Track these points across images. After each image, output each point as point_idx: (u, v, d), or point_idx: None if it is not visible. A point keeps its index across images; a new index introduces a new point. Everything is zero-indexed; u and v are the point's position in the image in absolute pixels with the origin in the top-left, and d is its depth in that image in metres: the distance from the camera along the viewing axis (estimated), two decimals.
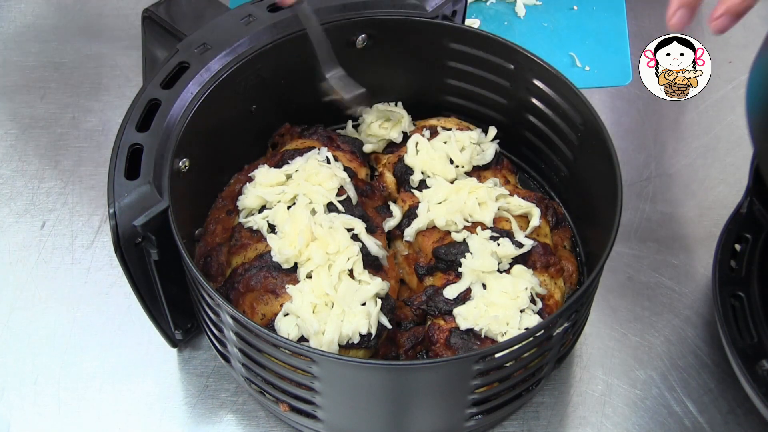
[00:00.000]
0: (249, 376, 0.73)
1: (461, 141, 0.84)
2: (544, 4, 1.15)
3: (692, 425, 0.81)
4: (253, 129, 0.87)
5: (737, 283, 0.79)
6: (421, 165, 0.83)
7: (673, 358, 0.85)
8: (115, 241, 0.69)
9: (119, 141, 0.73)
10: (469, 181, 0.82)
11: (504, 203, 0.81)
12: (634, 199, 0.96)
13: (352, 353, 0.72)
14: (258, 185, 0.80)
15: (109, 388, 0.82)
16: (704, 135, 1.03)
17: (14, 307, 0.87)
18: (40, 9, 1.14)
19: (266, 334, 0.65)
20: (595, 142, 0.78)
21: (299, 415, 0.73)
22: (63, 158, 0.99)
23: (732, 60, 1.08)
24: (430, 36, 0.86)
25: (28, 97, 1.05)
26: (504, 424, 0.81)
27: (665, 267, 0.91)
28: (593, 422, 0.81)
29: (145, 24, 0.84)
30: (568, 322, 0.70)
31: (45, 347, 0.84)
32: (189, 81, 0.77)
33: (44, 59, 1.09)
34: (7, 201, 0.95)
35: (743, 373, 0.74)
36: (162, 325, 0.79)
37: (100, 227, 0.93)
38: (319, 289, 0.72)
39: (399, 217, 0.82)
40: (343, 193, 0.80)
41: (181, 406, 0.81)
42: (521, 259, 0.77)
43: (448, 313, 0.75)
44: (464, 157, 0.83)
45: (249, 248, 0.78)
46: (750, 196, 0.82)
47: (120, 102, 1.03)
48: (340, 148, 0.86)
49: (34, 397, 0.81)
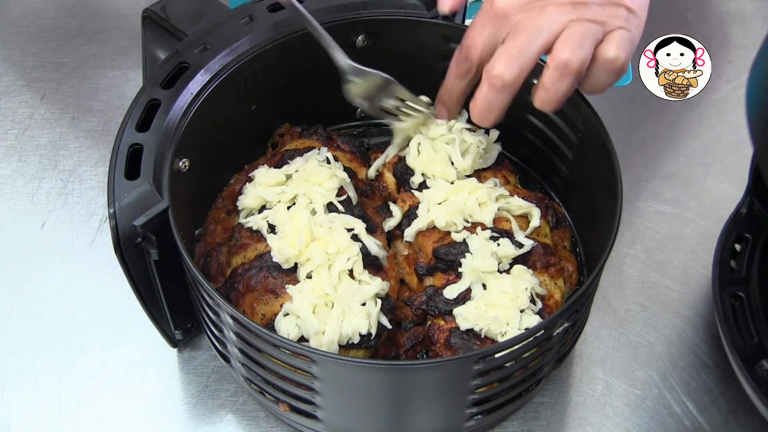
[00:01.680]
0: (249, 376, 0.73)
1: (467, 142, 0.83)
2: None
3: (692, 425, 0.81)
4: (253, 129, 0.87)
5: (737, 283, 0.79)
6: (422, 167, 0.83)
7: (673, 358, 0.85)
8: (115, 241, 0.69)
9: (119, 141, 0.73)
10: (469, 181, 0.82)
11: (504, 203, 0.81)
12: (634, 199, 0.96)
13: (352, 353, 0.72)
14: (258, 185, 0.80)
15: (109, 388, 0.82)
16: (704, 135, 1.03)
17: (14, 307, 0.87)
18: (40, 9, 1.14)
19: (266, 334, 0.65)
20: (595, 142, 0.78)
21: (299, 415, 0.73)
22: (63, 158, 0.99)
23: (732, 60, 1.08)
24: (430, 36, 0.86)
25: (28, 97, 1.05)
26: (504, 424, 0.81)
27: (665, 267, 0.91)
28: (593, 422, 0.81)
29: (145, 24, 0.84)
30: (568, 322, 0.70)
31: (45, 347, 0.84)
32: (189, 81, 0.77)
33: (44, 59, 1.09)
34: (7, 201, 0.95)
35: (743, 373, 0.74)
36: (162, 325, 0.79)
37: (100, 227, 0.93)
38: (319, 289, 0.72)
39: (399, 217, 0.82)
40: (343, 193, 0.80)
41: (181, 406, 0.81)
42: (521, 259, 0.77)
43: (448, 313, 0.75)
44: (466, 163, 0.82)
45: (249, 248, 0.78)
46: (750, 196, 0.82)
47: (120, 102, 1.03)
48: (340, 148, 0.87)
49: (34, 397, 0.81)
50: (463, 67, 0.76)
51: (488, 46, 0.74)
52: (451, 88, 0.80)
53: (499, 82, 0.72)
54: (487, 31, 0.73)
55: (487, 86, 0.73)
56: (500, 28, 0.72)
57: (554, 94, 0.71)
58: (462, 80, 0.78)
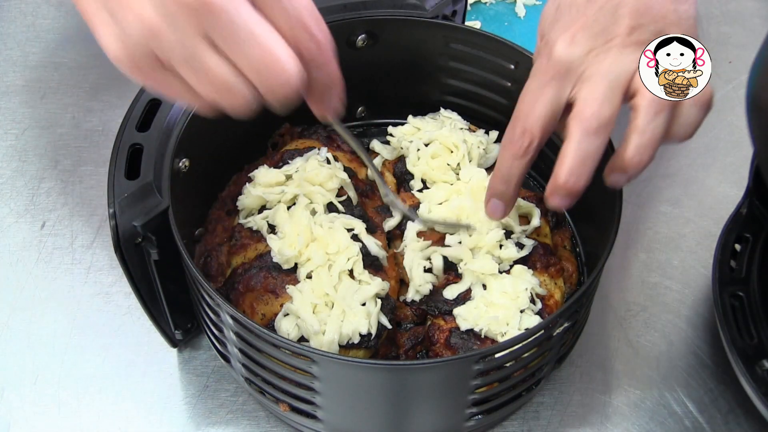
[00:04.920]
0: (249, 376, 0.73)
1: (469, 141, 0.83)
2: (543, 4, 1.15)
3: (692, 425, 0.81)
4: (253, 129, 0.87)
5: (737, 283, 0.79)
6: (420, 173, 0.83)
7: (673, 358, 0.85)
8: (115, 241, 0.68)
9: (119, 141, 0.73)
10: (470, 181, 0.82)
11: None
12: (634, 199, 0.96)
13: (352, 353, 0.72)
14: (258, 185, 0.80)
15: (109, 388, 0.82)
16: (704, 135, 1.03)
17: (14, 307, 0.87)
18: (40, 9, 1.14)
19: (266, 334, 0.65)
20: None
21: (299, 415, 0.73)
22: (63, 158, 0.99)
23: (732, 60, 1.08)
24: (430, 36, 0.86)
25: (28, 97, 1.05)
26: (504, 424, 0.81)
27: (665, 267, 0.91)
28: (593, 422, 0.81)
29: None
30: (568, 322, 0.70)
31: (45, 347, 0.84)
32: None
33: (44, 59, 1.09)
34: (7, 201, 0.95)
35: (743, 373, 0.74)
36: (162, 325, 0.79)
37: (100, 227, 0.93)
38: (319, 289, 0.72)
39: (399, 217, 0.82)
40: (344, 194, 0.80)
41: (181, 406, 0.81)
42: (521, 259, 0.77)
43: (448, 313, 0.75)
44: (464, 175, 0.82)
45: (249, 248, 0.78)
46: (750, 196, 0.82)
47: (120, 102, 1.03)
48: (340, 148, 0.87)
49: (34, 397, 0.81)
50: (522, 143, 0.65)
51: (551, 111, 0.64)
52: (509, 172, 0.68)
53: (594, 122, 0.62)
54: (548, 94, 0.64)
55: (580, 134, 0.63)
56: (563, 86, 0.64)
57: (651, 136, 0.62)
58: (521, 160, 0.66)
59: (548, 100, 0.64)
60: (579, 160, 0.63)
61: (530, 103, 0.65)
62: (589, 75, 0.63)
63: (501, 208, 0.71)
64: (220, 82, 0.56)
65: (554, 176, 0.64)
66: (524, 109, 0.65)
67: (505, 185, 0.69)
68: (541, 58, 0.65)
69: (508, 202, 0.71)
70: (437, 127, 0.86)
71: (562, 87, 0.64)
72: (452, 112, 0.89)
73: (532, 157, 0.66)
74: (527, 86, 0.66)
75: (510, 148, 0.66)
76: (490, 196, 0.71)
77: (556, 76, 0.64)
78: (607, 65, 0.63)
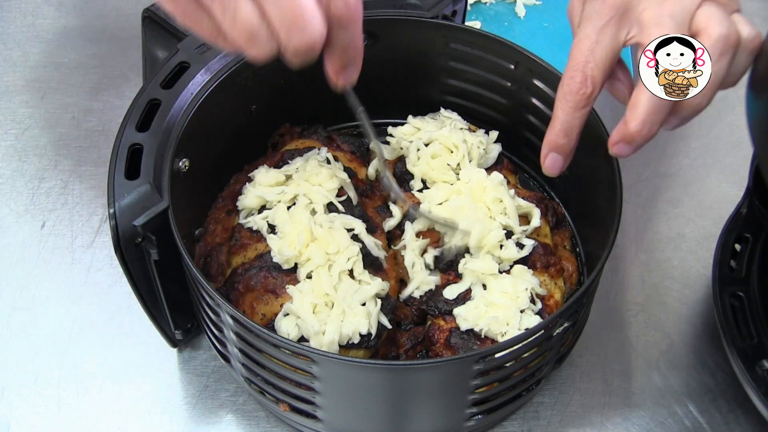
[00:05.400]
0: (249, 376, 0.73)
1: (469, 141, 0.83)
2: (544, 4, 1.15)
3: (692, 425, 0.81)
4: (253, 129, 0.87)
5: (737, 283, 0.79)
6: (420, 173, 0.83)
7: (673, 358, 0.85)
8: (115, 241, 0.69)
9: (119, 141, 0.73)
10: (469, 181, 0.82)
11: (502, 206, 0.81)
12: (634, 199, 0.96)
13: (352, 353, 0.72)
14: (258, 185, 0.80)
15: (109, 388, 0.82)
16: (704, 135, 1.03)
17: (14, 307, 0.87)
18: (40, 9, 1.14)
19: (266, 334, 0.65)
20: (595, 142, 0.78)
21: (299, 415, 0.73)
22: (63, 158, 0.99)
23: None
24: (430, 36, 0.86)
25: (28, 97, 1.05)
26: (504, 424, 0.81)
27: (665, 267, 0.91)
28: (593, 422, 0.81)
29: (145, 24, 0.84)
30: (568, 322, 0.70)
31: (45, 347, 0.84)
32: (189, 81, 0.77)
33: (44, 59, 1.09)
34: (7, 201, 0.95)
35: (743, 373, 0.74)
36: (162, 325, 0.79)
37: (100, 227, 0.93)
38: (319, 289, 0.72)
39: (399, 217, 0.82)
40: (344, 194, 0.80)
41: (181, 406, 0.81)
42: (521, 259, 0.77)
43: (448, 313, 0.75)
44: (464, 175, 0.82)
45: (249, 248, 0.78)
46: (750, 196, 0.82)
47: (120, 102, 1.03)
48: (340, 148, 0.87)
49: (34, 397, 0.81)
50: (585, 91, 0.63)
51: (612, 54, 0.62)
52: (570, 125, 0.66)
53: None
54: (607, 36, 0.62)
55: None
56: (621, 27, 0.62)
57: (714, 78, 0.61)
58: (582, 111, 0.64)
59: (608, 42, 0.62)
60: (649, 117, 0.62)
61: (588, 48, 0.62)
62: (648, 19, 0.61)
63: (561, 161, 0.69)
64: (247, 28, 0.57)
65: (624, 124, 0.62)
66: (581, 55, 0.63)
67: (567, 138, 0.67)
68: (593, 2, 0.63)
69: (568, 155, 0.68)
70: (437, 127, 0.86)
71: (620, 28, 0.62)
72: (452, 112, 0.89)
73: (591, 107, 0.65)
74: (581, 32, 0.63)
75: (571, 99, 0.64)
76: (550, 150, 0.68)
77: (615, 17, 0.61)
78: (669, 6, 0.61)
